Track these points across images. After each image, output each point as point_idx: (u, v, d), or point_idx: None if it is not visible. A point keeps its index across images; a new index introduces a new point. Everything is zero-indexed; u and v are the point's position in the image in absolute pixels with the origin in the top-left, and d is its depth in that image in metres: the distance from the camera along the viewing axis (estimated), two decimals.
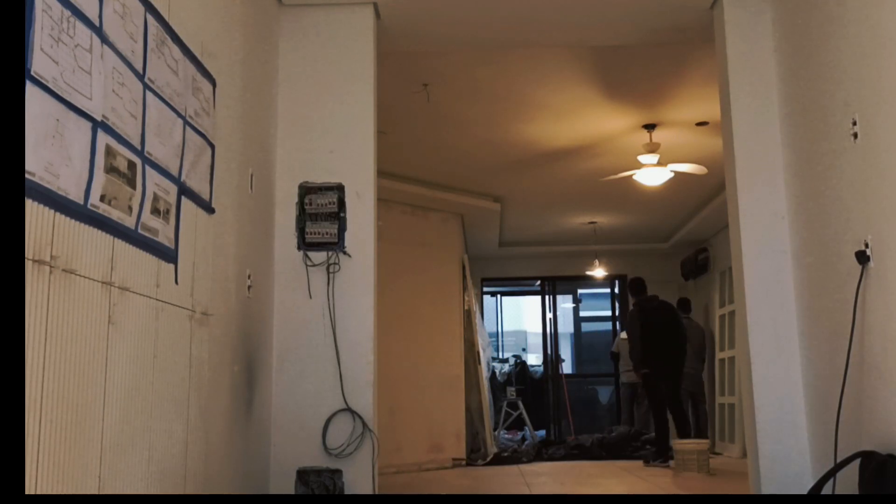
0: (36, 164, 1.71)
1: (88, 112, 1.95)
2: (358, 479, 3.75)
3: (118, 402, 2.11)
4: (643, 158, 6.48)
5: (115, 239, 2.12)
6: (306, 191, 4.00)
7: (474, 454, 8.20)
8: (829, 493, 3.06)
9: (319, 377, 3.84)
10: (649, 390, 7.46)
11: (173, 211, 2.55)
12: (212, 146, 2.96)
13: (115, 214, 2.11)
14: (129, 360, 2.19)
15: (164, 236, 2.47)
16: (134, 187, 2.24)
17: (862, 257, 3.02)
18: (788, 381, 3.76)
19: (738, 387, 7.99)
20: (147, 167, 2.33)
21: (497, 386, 10.41)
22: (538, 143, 6.71)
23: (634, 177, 6.64)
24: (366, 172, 4.05)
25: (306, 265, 3.93)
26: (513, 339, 14.68)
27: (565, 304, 13.37)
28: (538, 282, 12.04)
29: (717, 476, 6.34)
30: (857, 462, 2.89)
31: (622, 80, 5.50)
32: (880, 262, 2.91)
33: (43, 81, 1.74)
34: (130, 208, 2.22)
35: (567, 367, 12.55)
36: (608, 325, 12.37)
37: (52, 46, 1.78)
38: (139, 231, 2.28)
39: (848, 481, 2.97)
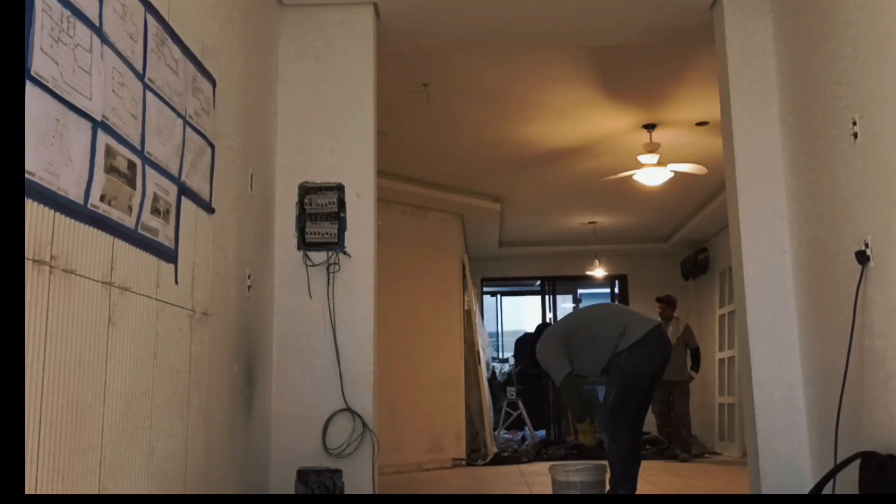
0: (36, 164, 1.71)
1: (88, 112, 1.95)
2: (358, 479, 3.75)
3: (118, 402, 2.11)
4: (643, 158, 6.48)
5: (115, 239, 2.12)
6: (306, 191, 4.00)
7: (474, 454, 8.19)
8: (830, 493, 3.05)
9: (319, 377, 3.84)
10: None
11: (173, 211, 2.55)
12: (212, 146, 2.96)
13: (115, 214, 2.11)
14: (129, 360, 2.19)
15: (164, 236, 2.47)
16: (134, 187, 2.24)
17: (862, 257, 3.02)
18: (788, 381, 3.76)
19: (738, 387, 7.98)
20: (147, 167, 2.33)
21: (497, 386, 10.40)
22: (538, 143, 6.71)
23: (634, 177, 6.64)
24: (366, 172, 4.05)
25: (306, 265, 3.93)
26: (513, 339, 14.66)
27: (565, 304, 13.34)
28: (538, 282, 12.03)
29: (717, 476, 6.34)
30: (858, 462, 2.89)
31: (622, 80, 5.50)
32: (880, 262, 2.91)
33: (43, 81, 1.74)
34: (130, 208, 2.21)
35: None
36: None
37: (52, 46, 1.78)
38: (139, 231, 2.28)
39: (848, 481, 2.97)
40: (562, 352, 4.14)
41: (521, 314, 14.86)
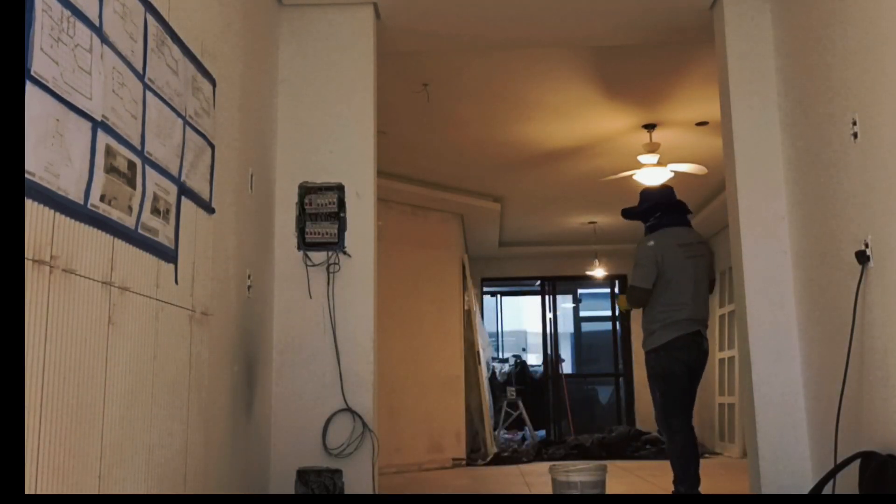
0: (36, 164, 1.71)
1: (88, 112, 1.95)
2: (358, 479, 3.75)
3: (118, 402, 2.11)
4: (643, 158, 6.47)
5: (115, 239, 2.12)
6: (306, 191, 4.00)
7: (474, 454, 8.20)
8: (830, 493, 3.05)
9: (319, 377, 3.84)
10: None
11: (173, 211, 2.55)
12: (212, 146, 2.96)
13: (115, 214, 2.11)
14: (129, 360, 2.19)
15: (164, 236, 2.47)
16: (134, 187, 2.24)
17: (862, 257, 3.02)
18: (788, 381, 3.76)
19: (738, 387, 7.98)
20: (147, 167, 2.33)
21: (497, 386, 10.41)
22: (538, 143, 6.71)
23: (634, 177, 6.63)
24: (366, 172, 4.05)
25: (306, 265, 3.93)
26: (513, 339, 14.68)
27: (565, 304, 13.36)
28: (538, 282, 12.03)
29: (717, 476, 6.33)
30: (858, 462, 2.89)
31: (622, 80, 5.50)
32: (880, 262, 2.91)
33: (43, 81, 1.74)
34: (130, 208, 2.21)
35: (567, 367, 12.55)
36: (608, 325, 12.37)
37: (52, 46, 1.78)
38: (139, 231, 2.28)
39: (848, 481, 2.97)
40: (653, 269, 4.23)
41: (521, 314, 14.88)
